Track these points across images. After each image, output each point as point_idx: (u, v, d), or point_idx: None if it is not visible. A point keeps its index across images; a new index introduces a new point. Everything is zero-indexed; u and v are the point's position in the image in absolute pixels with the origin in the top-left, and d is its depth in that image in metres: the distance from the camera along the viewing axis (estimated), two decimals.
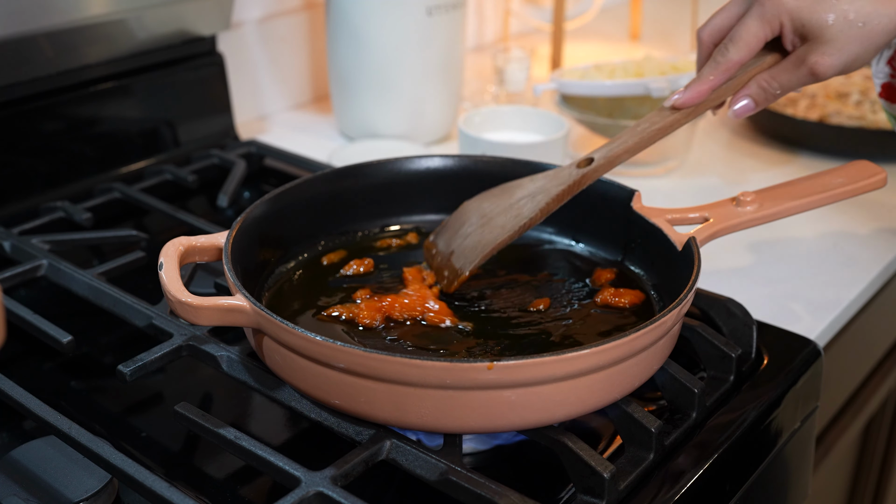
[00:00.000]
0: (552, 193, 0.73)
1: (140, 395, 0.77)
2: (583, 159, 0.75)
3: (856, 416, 1.11)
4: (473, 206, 0.78)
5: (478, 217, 0.76)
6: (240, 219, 0.72)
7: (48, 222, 0.95)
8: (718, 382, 0.73)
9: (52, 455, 0.65)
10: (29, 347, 0.80)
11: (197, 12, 1.10)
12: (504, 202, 0.76)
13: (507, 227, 0.74)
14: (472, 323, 0.72)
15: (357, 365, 0.59)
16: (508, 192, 0.77)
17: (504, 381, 0.58)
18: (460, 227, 0.77)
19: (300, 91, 1.37)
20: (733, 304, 0.77)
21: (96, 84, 1.05)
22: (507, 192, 0.77)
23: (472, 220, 0.77)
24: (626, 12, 1.78)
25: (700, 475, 0.65)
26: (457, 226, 0.78)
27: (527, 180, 0.77)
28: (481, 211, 0.77)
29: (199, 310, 0.63)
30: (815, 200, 0.79)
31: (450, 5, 1.17)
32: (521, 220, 0.72)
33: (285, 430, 0.73)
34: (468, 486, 0.59)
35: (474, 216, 0.77)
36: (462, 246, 0.75)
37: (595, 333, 0.71)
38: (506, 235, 0.73)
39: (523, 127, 1.13)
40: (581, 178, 0.74)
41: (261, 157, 1.14)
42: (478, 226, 0.75)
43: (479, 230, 0.75)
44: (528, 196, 0.74)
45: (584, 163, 0.75)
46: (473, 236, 0.75)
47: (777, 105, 1.28)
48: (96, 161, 1.06)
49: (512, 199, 0.76)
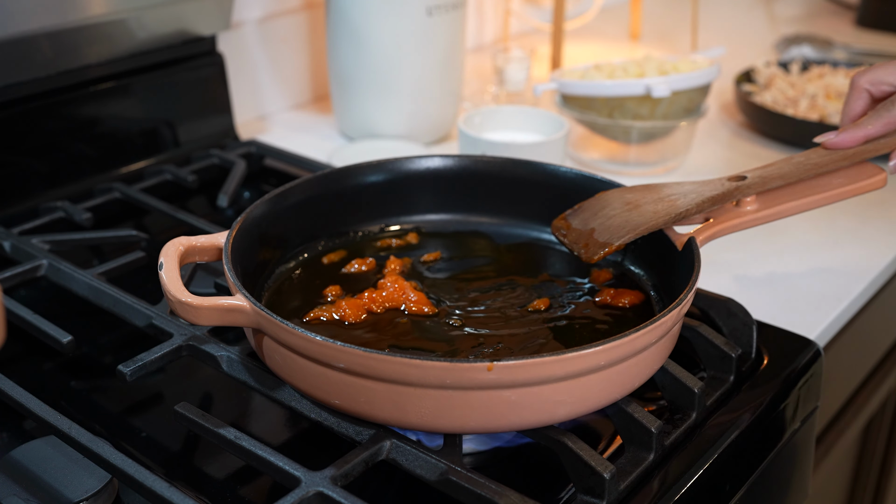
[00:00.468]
0: (705, 195, 0.74)
1: (140, 395, 0.77)
2: (734, 175, 0.77)
3: (856, 416, 1.11)
4: (615, 195, 0.78)
5: (621, 203, 0.76)
6: (240, 219, 0.73)
7: (48, 222, 0.95)
8: (718, 382, 0.73)
9: (52, 455, 0.65)
10: (29, 347, 0.80)
11: (197, 12, 1.10)
12: (651, 195, 0.76)
13: (660, 213, 0.74)
14: (471, 323, 0.72)
15: (357, 365, 0.59)
16: (653, 188, 0.77)
17: (504, 382, 0.58)
18: (600, 210, 0.77)
19: (300, 91, 1.37)
20: (733, 304, 0.77)
21: (96, 84, 1.05)
22: (651, 187, 0.77)
23: (615, 205, 0.77)
24: (626, 12, 1.78)
25: (700, 475, 0.65)
26: (596, 209, 0.78)
27: (673, 183, 0.77)
28: (624, 199, 0.77)
29: (199, 310, 0.63)
30: (815, 200, 0.79)
31: (450, 5, 1.17)
32: (677, 209, 0.73)
33: (285, 430, 0.73)
34: (468, 486, 0.59)
35: (617, 202, 0.77)
36: (605, 225, 0.75)
37: (595, 333, 0.71)
38: (660, 219, 0.73)
39: (523, 127, 1.13)
40: (734, 189, 0.75)
41: (261, 157, 1.14)
42: (623, 210, 0.75)
43: (624, 213, 0.75)
44: (680, 194, 0.75)
45: (734, 178, 0.76)
46: (619, 217, 0.75)
47: (777, 105, 1.28)
48: (96, 161, 1.06)
49: (660, 193, 0.76)
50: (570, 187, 0.82)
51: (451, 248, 0.83)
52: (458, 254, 0.83)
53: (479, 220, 0.86)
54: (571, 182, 0.82)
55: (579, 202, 0.79)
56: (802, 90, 1.30)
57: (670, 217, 0.73)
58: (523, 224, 0.85)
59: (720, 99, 1.41)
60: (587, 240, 0.75)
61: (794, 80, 1.34)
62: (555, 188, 0.83)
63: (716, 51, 1.26)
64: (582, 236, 0.76)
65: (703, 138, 1.28)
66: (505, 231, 0.85)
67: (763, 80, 1.37)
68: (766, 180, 0.76)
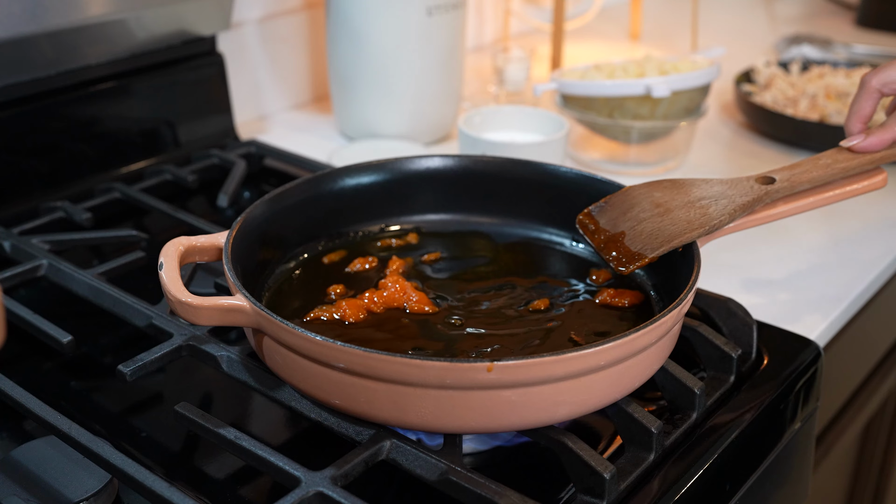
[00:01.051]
0: (737, 202, 0.73)
1: (140, 395, 0.77)
2: (760, 175, 0.76)
3: (856, 415, 1.11)
4: (643, 192, 0.77)
5: (650, 204, 0.75)
6: (240, 219, 0.73)
7: (48, 222, 0.95)
8: (718, 382, 0.73)
9: (53, 455, 0.65)
10: (29, 347, 0.80)
11: (197, 12, 1.11)
12: (680, 197, 0.75)
13: (693, 223, 0.72)
14: (472, 323, 0.72)
15: (357, 365, 0.59)
16: (681, 188, 0.76)
17: (504, 382, 0.58)
18: (629, 209, 0.76)
19: (300, 91, 1.37)
20: (733, 303, 0.77)
21: (96, 84, 1.05)
22: (678, 186, 0.76)
23: (644, 205, 0.76)
24: (626, 12, 1.78)
25: (700, 475, 0.65)
26: (624, 207, 0.77)
27: (700, 181, 0.76)
28: (653, 199, 0.76)
29: (199, 310, 0.63)
30: (815, 200, 0.79)
31: (450, 5, 1.17)
32: (710, 219, 0.72)
33: (285, 430, 0.73)
34: (468, 486, 0.59)
35: (645, 202, 0.76)
36: (636, 230, 0.74)
37: (594, 334, 0.71)
38: (694, 232, 0.72)
39: (523, 127, 1.13)
40: (764, 194, 0.74)
41: (261, 157, 1.14)
42: (653, 213, 0.74)
43: (656, 218, 0.74)
44: (711, 198, 0.74)
45: (762, 179, 0.75)
46: (650, 223, 0.74)
47: (777, 105, 1.28)
48: (96, 161, 1.06)
49: (689, 196, 0.75)
50: (570, 187, 0.82)
51: (451, 248, 0.83)
52: (458, 254, 0.83)
53: (479, 220, 0.86)
54: (571, 182, 0.82)
55: (579, 202, 0.79)
56: (802, 90, 1.30)
57: (704, 230, 0.72)
58: (523, 224, 0.85)
59: (720, 99, 1.41)
60: (618, 246, 0.75)
61: (793, 80, 1.34)
62: (555, 188, 0.83)
63: (716, 51, 1.26)
64: (612, 240, 0.75)
65: (703, 138, 1.28)
66: (505, 231, 0.85)
67: (763, 80, 1.37)
68: (794, 184, 0.75)
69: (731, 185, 0.75)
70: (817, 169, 0.76)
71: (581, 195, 0.80)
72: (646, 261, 0.72)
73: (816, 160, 0.77)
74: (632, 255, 0.73)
